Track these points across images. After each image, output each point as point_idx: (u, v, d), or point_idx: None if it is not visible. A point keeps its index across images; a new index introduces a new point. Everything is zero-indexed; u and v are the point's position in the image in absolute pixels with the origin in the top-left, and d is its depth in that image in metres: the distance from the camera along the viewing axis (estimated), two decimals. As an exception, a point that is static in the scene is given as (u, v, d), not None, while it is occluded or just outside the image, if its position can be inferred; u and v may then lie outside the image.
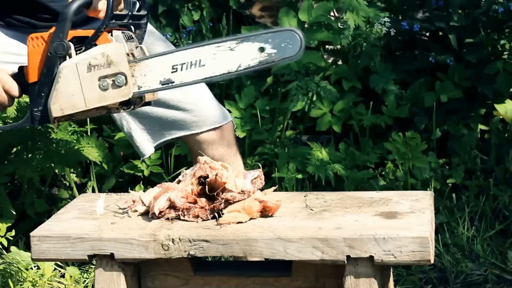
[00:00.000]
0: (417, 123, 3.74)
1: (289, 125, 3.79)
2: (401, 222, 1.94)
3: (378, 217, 1.97)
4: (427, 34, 3.99)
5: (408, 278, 2.98)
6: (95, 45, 2.09)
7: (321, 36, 3.71)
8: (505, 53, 3.73)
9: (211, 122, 2.58)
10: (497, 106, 3.78)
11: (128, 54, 2.09)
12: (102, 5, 2.14)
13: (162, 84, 2.06)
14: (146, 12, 2.22)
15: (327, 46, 4.05)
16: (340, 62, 3.91)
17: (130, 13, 2.15)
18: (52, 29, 2.09)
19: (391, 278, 2.14)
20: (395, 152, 3.48)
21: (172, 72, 2.06)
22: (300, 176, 3.52)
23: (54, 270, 3.03)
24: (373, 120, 3.70)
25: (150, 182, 3.64)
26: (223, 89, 3.80)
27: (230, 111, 3.61)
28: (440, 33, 3.91)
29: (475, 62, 3.72)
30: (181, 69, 2.06)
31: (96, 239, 1.97)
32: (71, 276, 2.96)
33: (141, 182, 3.55)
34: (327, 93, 3.56)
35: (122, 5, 2.16)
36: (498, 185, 3.49)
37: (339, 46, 3.93)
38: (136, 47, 2.14)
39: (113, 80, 2.06)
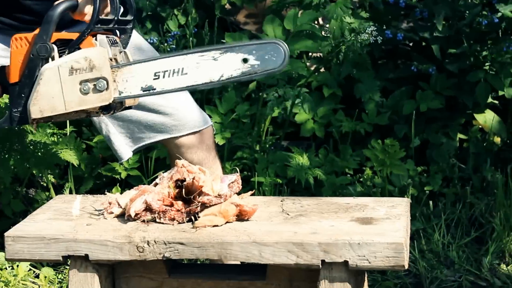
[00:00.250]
0: (397, 131, 3.75)
1: (269, 130, 3.79)
2: (376, 228, 1.94)
3: (353, 223, 1.98)
4: (411, 44, 4.01)
5: (383, 283, 2.99)
6: (79, 48, 2.09)
7: (304, 45, 3.72)
8: (487, 64, 3.76)
9: (191, 126, 2.57)
10: (476, 115, 3.81)
11: (111, 59, 2.09)
12: (88, 9, 2.14)
13: (144, 91, 2.06)
14: (132, 17, 2.22)
15: (310, 54, 4.06)
16: (322, 69, 3.93)
17: (116, 18, 2.15)
18: (37, 31, 2.09)
19: (366, 283, 2.14)
20: (373, 159, 3.49)
21: (154, 79, 2.06)
22: (279, 181, 3.53)
23: (28, 270, 3.02)
24: (353, 127, 3.71)
25: (128, 184, 3.63)
26: (204, 94, 3.80)
27: (210, 116, 3.62)
28: (423, 43, 3.93)
29: (456, 72, 3.75)
30: (163, 77, 2.06)
31: (70, 240, 1.97)
32: (45, 277, 2.95)
33: (119, 184, 3.54)
34: (306, 100, 3.57)
35: (108, 9, 2.16)
36: (475, 193, 3.52)
37: (321, 54, 3.94)
38: (120, 52, 2.14)
39: (94, 85, 2.06)
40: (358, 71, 3.78)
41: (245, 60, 2.01)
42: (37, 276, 3.03)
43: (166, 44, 3.89)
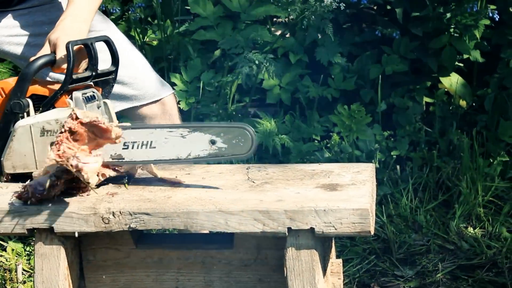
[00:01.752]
0: (363, 95, 3.76)
1: (235, 97, 3.78)
2: (341, 194, 1.95)
3: (319, 189, 1.98)
4: (375, 7, 4.00)
5: (352, 249, 3.01)
6: (53, 106, 2.09)
7: (268, 10, 3.70)
8: (451, 27, 3.76)
9: (151, 95, 2.55)
10: (442, 79, 3.82)
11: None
12: (64, 65, 2.13)
13: (112, 159, 2.04)
14: (115, 68, 2.19)
15: (275, 19, 4.04)
16: (288, 35, 3.91)
17: (93, 74, 2.14)
18: (13, 84, 2.08)
19: (333, 249, 2.15)
20: (340, 124, 3.49)
21: (123, 148, 2.05)
22: (246, 148, 3.51)
23: (-5, 244, 3.00)
24: (319, 92, 3.71)
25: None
26: (171, 62, 3.77)
27: (175, 84, 3.60)
28: (388, 7, 3.92)
29: (421, 36, 3.75)
30: (132, 148, 2.06)
31: (35, 213, 1.95)
32: (12, 250, 2.93)
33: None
34: (273, 66, 3.55)
35: (85, 64, 2.15)
36: (441, 157, 3.54)
37: (286, 19, 3.93)
38: (98, 107, 2.13)
39: None
40: (323, 36, 3.77)
41: (212, 142, 2.00)
42: (4, 249, 3.01)
43: (130, 12, 3.85)
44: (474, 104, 3.84)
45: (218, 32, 3.73)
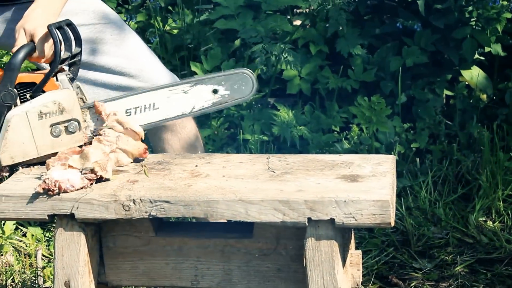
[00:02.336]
0: (383, 87, 3.74)
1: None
2: (362, 185, 1.94)
3: (339, 180, 1.98)
4: (396, -1, 3.99)
5: (371, 241, 3.00)
6: (43, 91, 2.09)
7: (289, 0, 3.70)
8: (472, 19, 3.74)
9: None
10: (463, 72, 3.80)
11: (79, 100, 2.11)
12: (45, 51, 2.15)
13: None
14: (80, 49, 2.21)
15: (295, 10, 4.03)
16: (308, 26, 3.90)
17: (70, 55, 2.16)
18: None
19: (353, 241, 2.15)
20: (360, 116, 3.48)
21: (126, 115, 2.08)
22: (265, 138, 3.52)
23: (15, 229, 3.01)
24: (339, 83, 3.70)
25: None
26: (191, 51, 3.77)
27: (195, 73, 3.60)
28: (409, -1, 3.91)
29: (442, 28, 3.73)
30: (135, 113, 2.10)
31: (56, 199, 1.95)
32: (32, 235, 2.94)
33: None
34: (292, 56, 3.55)
35: (63, 47, 2.17)
36: (461, 150, 3.52)
37: (307, 10, 3.91)
38: (78, 87, 2.15)
39: (65, 127, 2.08)
40: (343, 27, 3.76)
41: (215, 91, 2.07)
42: (24, 235, 3.02)
43: (150, 1, 3.84)
44: (494, 97, 3.82)
45: (239, 22, 3.72)
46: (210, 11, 3.80)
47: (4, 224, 2.94)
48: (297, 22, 3.94)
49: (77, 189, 1.96)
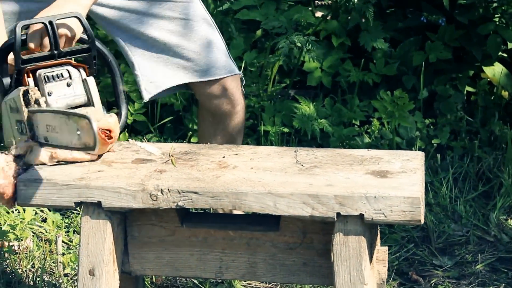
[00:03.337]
0: (405, 82, 3.72)
1: (276, 79, 3.76)
2: (392, 181, 1.93)
3: (369, 176, 1.96)
4: (419, -8, 3.96)
5: (391, 236, 2.98)
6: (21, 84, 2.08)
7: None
8: (497, 15, 3.71)
9: (212, 73, 2.54)
10: (485, 68, 3.77)
11: (29, 103, 2.04)
12: (32, 45, 2.13)
13: (45, 141, 2.01)
14: (89, 45, 2.14)
15: (317, 1, 4.01)
16: (329, 18, 3.87)
17: (55, 52, 2.10)
18: None
19: (379, 237, 2.14)
20: (382, 110, 3.46)
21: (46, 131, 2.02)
22: (286, 130, 3.50)
23: (35, 214, 3.00)
24: (361, 77, 3.68)
25: (133, 130, 3.60)
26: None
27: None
28: (433, -7, 3.88)
29: (466, 24, 3.70)
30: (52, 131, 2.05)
31: (83, 186, 1.95)
32: (53, 222, 2.94)
33: (125, 130, 3.52)
34: (315, 48, 3.52)
35: (44, 44, 2.12)
36: (482, 147, 3.50)
37: (329, 1, 3.89)
38: (69, 85, 2.10)
39: (23, 125, 2.06)
40: (366, 20, 3.73)
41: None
42: (43, 221, 3.02)
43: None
44: (517, 95, 3.79)
45: (261, 12, 3.70)
46: (232, 1, 3.78)
47: (24, 209, 2.93)
48: (318, 14, 3.91)
49: None
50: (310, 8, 3.81)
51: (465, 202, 3.18)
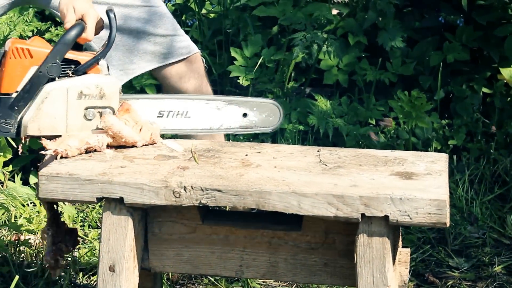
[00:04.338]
0: (422, 82, 3.70)
1: (292, 76, 3.74)
2: (417, 183, 1.91)
3: (394, 177, 1.94)
4: (437, -8, 3.94)
5: (407, 237, 2.97)
6: (85, 72, 2.09)
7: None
8: (515, 17, 3.69)
9: (178, 53, 2.57)
10: (502, 70, 3.75)
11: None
12: (96, 34, 2.17)
13: None
14: (114, 29, 2.16)
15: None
16: (343, 15, 3.85)
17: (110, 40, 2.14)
18: (39, 44, 2.09)
19: (401, 238, 2.12)
20: (398, 110, 3.44)
21: (158, 116, 2.11)
22: (301, 127, 3.48)
23: (51, 208, 2.99)
24: (377, 76, 3.66)
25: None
26: (229, 36, 3.74)
27: (235, 58, 3.57)
28: (452, -6, 3.86)
29: (484, 25, 3.68)
30: (167, 116, 2.13)
31: (106, 182, 1.93)
32: (69, 216, 2.93)
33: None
34: (333, 46, 3.51)
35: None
36: (498, 149, 3.48)
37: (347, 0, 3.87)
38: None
39: (99, 112, 2.08)
40: (383, 19, 3.71)
41: (245, 115, 2.17)
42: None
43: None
44: (534, 97, 3.77)
45: (279, 9, 3.69)
46: (249, -3, 3.77)
47: (40, 203, 2.92)
48: (334, 11, 3.89)
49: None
50: (327, 6, 3.79)
51: (481, 204, 3.17)
